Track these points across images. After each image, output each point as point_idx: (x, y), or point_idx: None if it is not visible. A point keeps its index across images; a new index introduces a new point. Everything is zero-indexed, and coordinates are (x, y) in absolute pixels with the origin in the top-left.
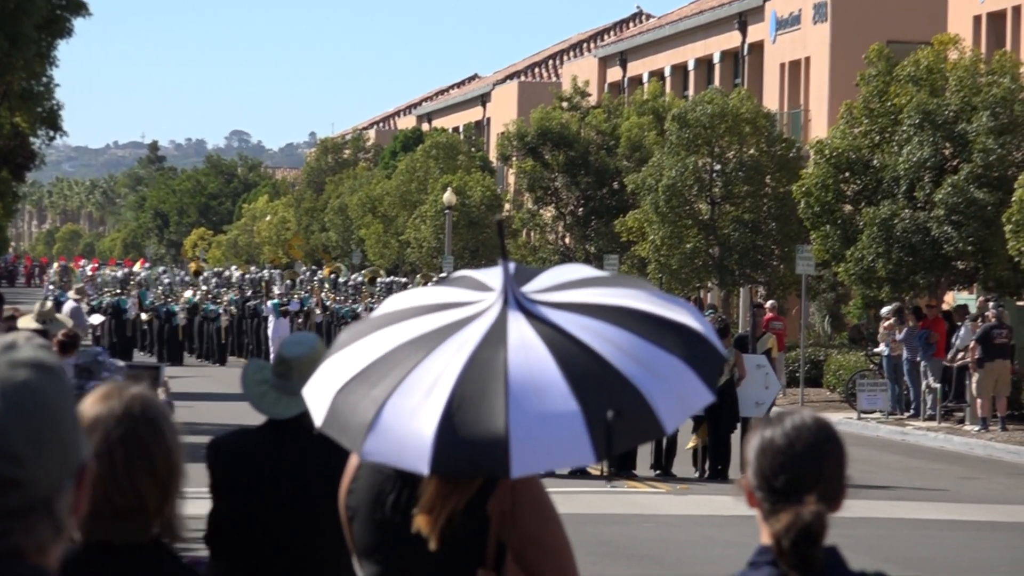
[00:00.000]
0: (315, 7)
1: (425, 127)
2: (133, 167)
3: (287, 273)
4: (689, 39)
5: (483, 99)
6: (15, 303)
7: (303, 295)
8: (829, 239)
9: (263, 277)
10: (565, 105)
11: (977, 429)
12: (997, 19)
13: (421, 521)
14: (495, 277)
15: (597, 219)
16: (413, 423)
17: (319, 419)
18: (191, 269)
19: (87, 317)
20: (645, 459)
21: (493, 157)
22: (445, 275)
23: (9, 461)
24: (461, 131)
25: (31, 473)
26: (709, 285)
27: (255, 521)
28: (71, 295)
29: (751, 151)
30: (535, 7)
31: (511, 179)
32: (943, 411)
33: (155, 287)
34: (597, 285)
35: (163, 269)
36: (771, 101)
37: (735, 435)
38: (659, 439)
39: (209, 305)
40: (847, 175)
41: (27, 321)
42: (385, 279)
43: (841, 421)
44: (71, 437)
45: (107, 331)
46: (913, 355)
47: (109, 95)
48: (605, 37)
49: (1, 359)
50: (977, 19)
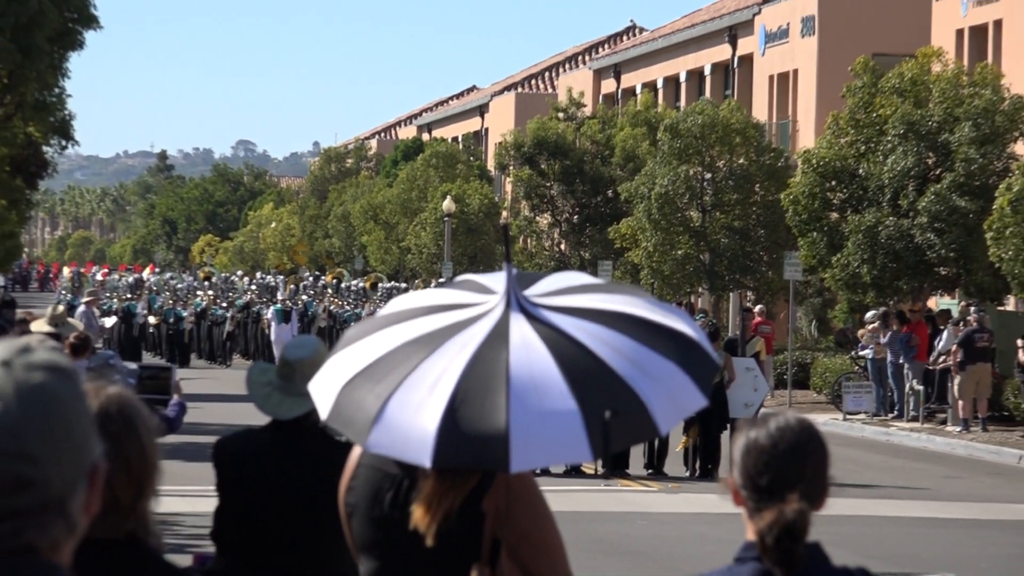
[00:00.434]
0: (319, 21)
1: (425, 137)
2: (142, 175)
3: (291, 278)
4: (681, 52)
5: (481, 110)
6: (28, 307)
7: (307, 300)
8: (816, 246)
9: (269, 283)
10: (561, 116)
11: (959, 430)
12: (979, 33)
13: (418, 518)
14: (498, 281)
15: (592, 226)
16: (417, 418)
17: (325, 412)
18: (201, 276)
19: (99, 320)
20: (638, 459)
21: (491, 166)
22: (444, 280)
23: (24, 461)
24: (460, 141)
25: (45, 473)
26: (700, 290)
27: (259, 517)
28: (83, 300)
29: (741, 160)
30: (532, 21)
31: (508, 187)
32: (926, 412)
33: (164, 292)
34: (596, 291)
35: (171, 275)
36: (760, 112)
37: (725, 436)
38: (652, 439)
39: (217, 309)
40: (833, 184)
41: (40, 325)
42: (386, 284)
43: (827, 422)
44: (84, 438)
45: (116, 334)
46: (896, 358)
47: (119, 106)
48: (600, 50)
49: (17, 361)
50: (960, 33)
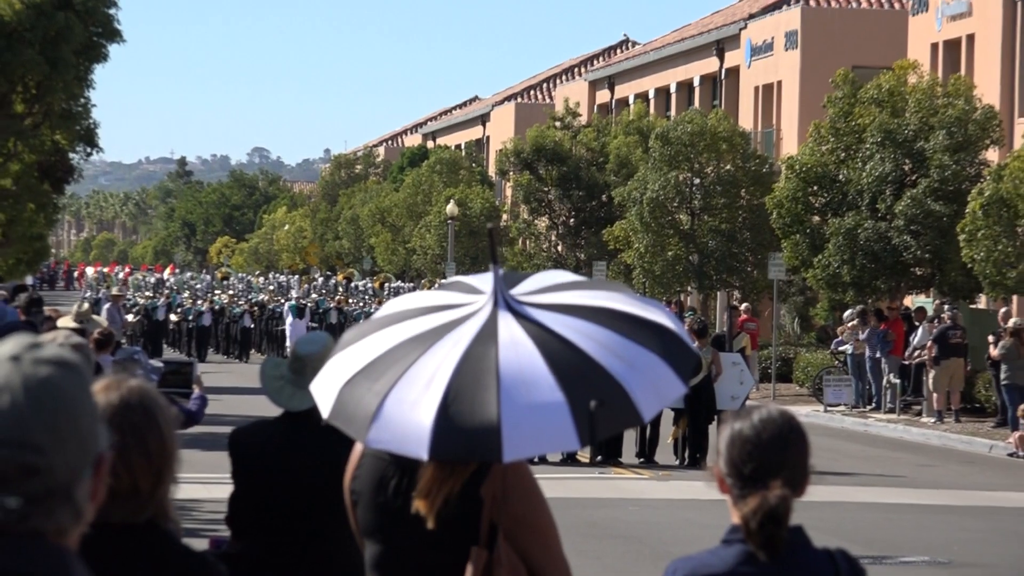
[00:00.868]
0: (331, 36)
1: (430, 144)
2: (163, 181)
3: (304, 278)
4: (671, 64)
5: (483, 119)
6: (54, 305)
7: (319, 299)
8: (799, 247)
9: (282, 282)
10: (558, 124)
11: (933, 421)
12: (952, 46)
13: (420, 504)
14: (486, 281)
15: (587, 229)
16: (413, 413)
17: (326, 411)
18: (219, 276)
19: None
20: (630, 448)
21: (492, 172)
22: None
23: (30, 450)
24: (463, 148)
25: (50, 461)
26: (689, 289)
27: (272, 504)
28: (108, 297)
29: (728, 167)
30: (531, 35)
31: (508, 192)
32: (902, 405)
33: (184, 291)
34: (579, 288)
35: (190, 275)
36: (746, 121)
37: (712, 427)
38: (643, 429)
39: (235, 308)
40: (815, 189)
41: (66, 321)
42: (393, 284)
43: (809, 414)
44: (89, 429)
45: (138, 330)
46: (874, 353)
47: (141, 115)
48: (594, 62)
49: (26, 357)
50: (935, 46)
